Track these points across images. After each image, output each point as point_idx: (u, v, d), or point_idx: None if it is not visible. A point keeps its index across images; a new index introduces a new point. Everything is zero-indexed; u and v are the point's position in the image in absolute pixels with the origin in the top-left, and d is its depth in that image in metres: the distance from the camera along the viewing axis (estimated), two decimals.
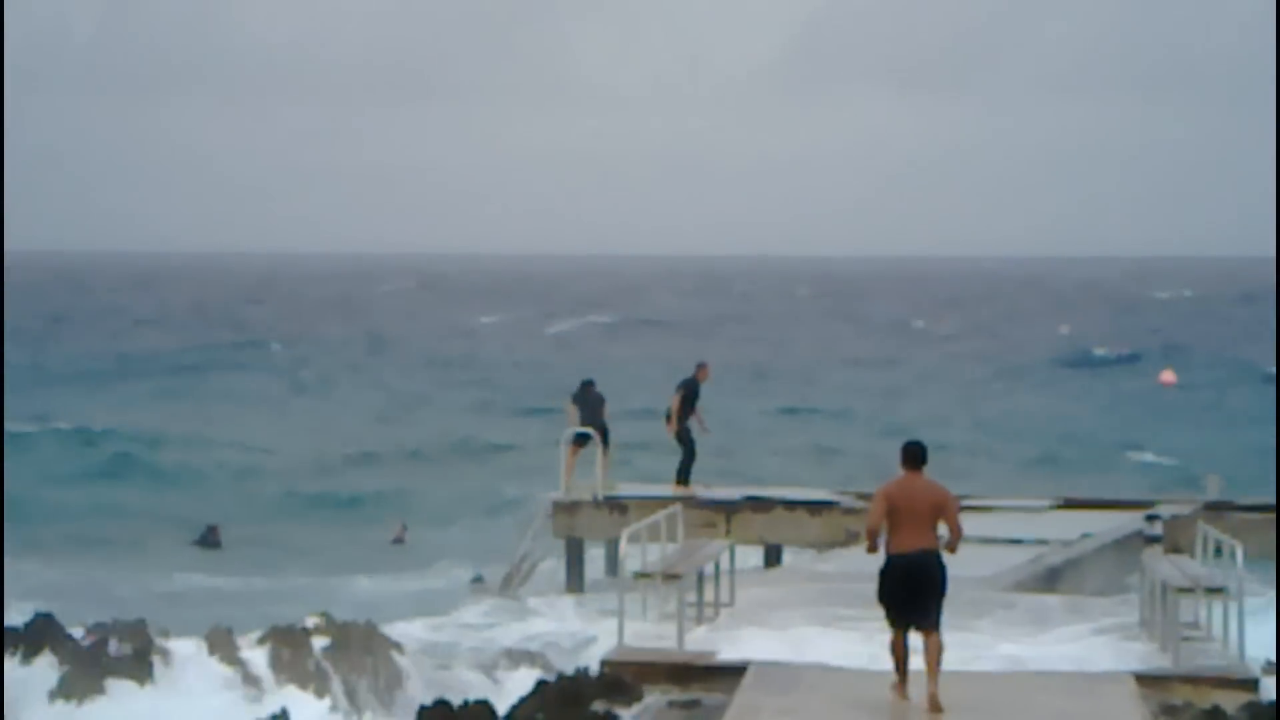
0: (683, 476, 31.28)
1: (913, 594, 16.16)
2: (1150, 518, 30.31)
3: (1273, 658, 20.38)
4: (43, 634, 18.65)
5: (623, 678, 18.03)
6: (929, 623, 16.19)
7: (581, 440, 30.97)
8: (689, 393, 31.26)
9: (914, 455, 16.24)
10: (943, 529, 16.32)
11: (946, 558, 16.31)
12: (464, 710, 17.27)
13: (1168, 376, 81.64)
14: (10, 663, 18.13)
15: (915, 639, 16.38)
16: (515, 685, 18.95)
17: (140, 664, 17.97)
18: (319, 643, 19.58)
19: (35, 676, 18.16)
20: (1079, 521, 29.95)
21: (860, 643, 19.42)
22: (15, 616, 20.27)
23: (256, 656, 19.36)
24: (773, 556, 30.57)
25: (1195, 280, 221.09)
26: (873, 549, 16.31)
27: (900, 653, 16.46)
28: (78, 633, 19.12)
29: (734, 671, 18.20)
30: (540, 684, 18.05)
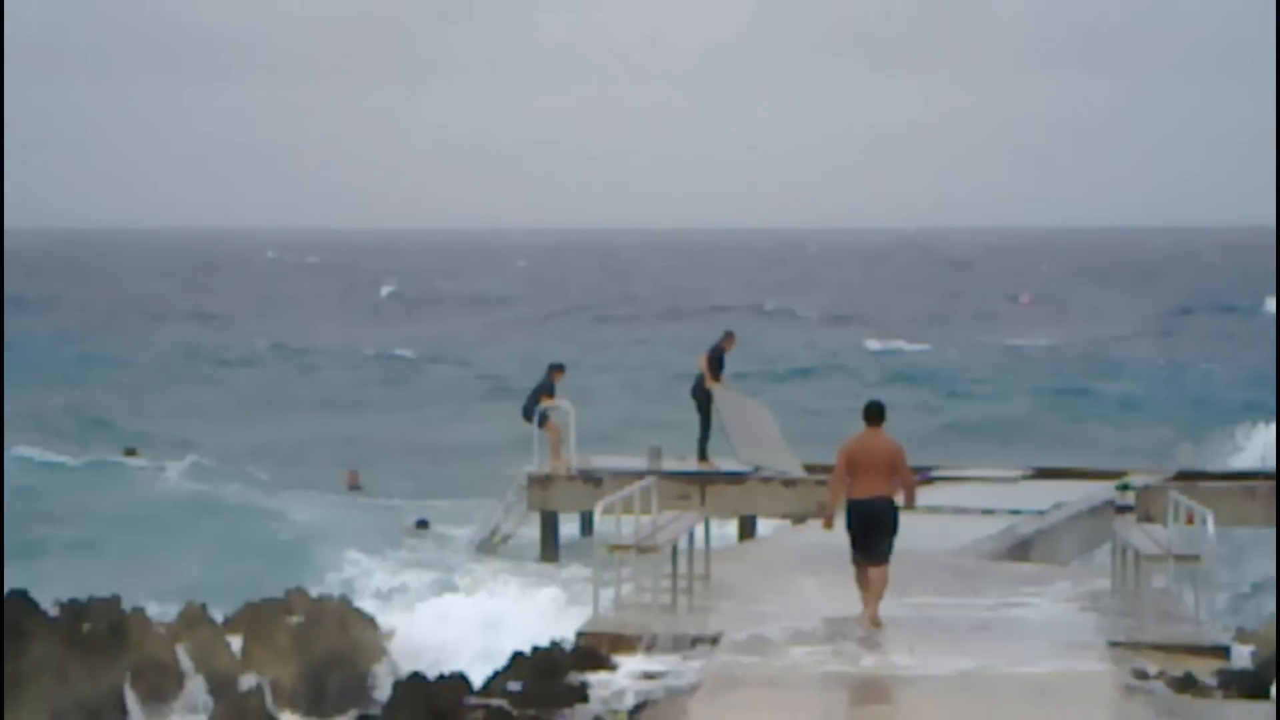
0: (703, 451, 31.40)
1: (867, 533, 18.78)
2: (1122, 487, 30.46)
3: (1244, 624, 20.48)
4: (16, 613, 18.61)
5: (598, 649, 18.09)
6: (878, 557, 18.85)
7: (543, 418, 31.12)
8: (713, 363, 31.35)
9: (873, 413, 18.80)
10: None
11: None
12: (440, 683, 17.30)
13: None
14: None
15: None
16: (490, 657, 18.96)
17: (115, 642, 17.95)
18: (293, 619, 19.58)
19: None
20: (1051, 491, 30.09)
21: (833, 612, 19.50)
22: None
23: (231, 632, 19.37)
24: (747, 528, 30.65)
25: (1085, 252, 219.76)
26: (834, 495, 18.99)
27: (866, 583, 18.96)
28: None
29: (708, 642, 18.27)
30: (516, 656, 18.10)
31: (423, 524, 32.44)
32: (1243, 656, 18.11)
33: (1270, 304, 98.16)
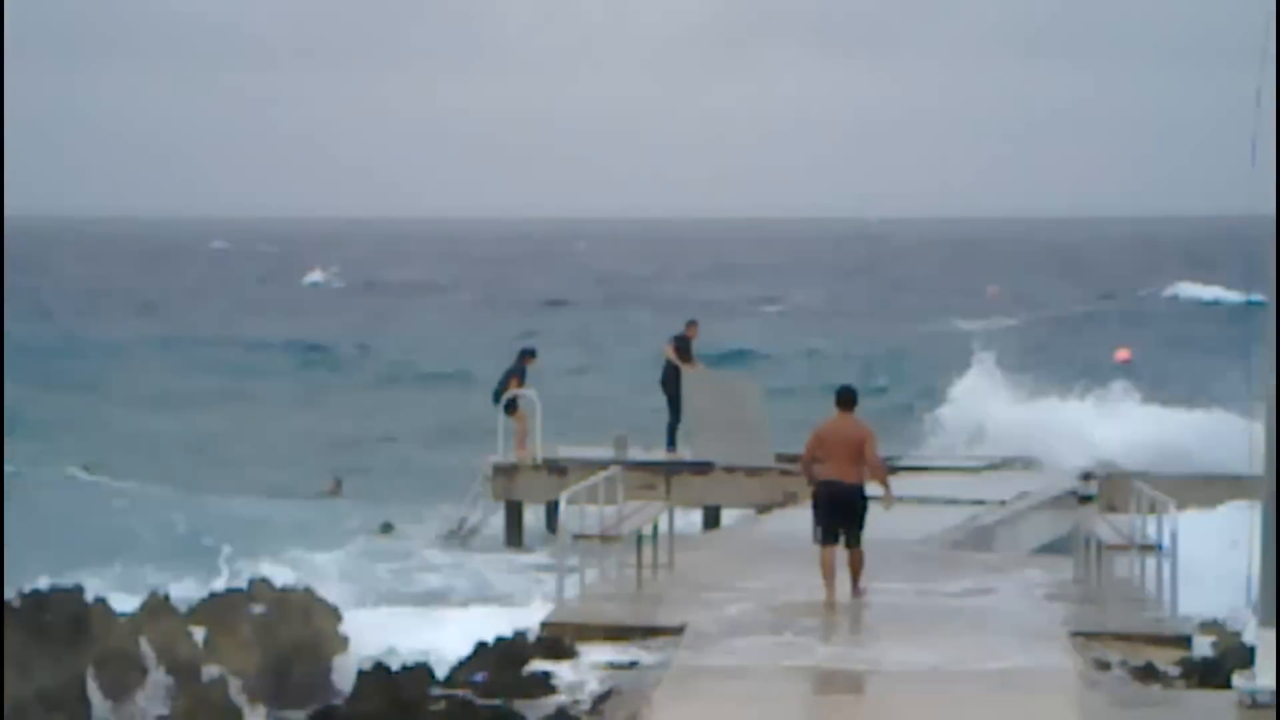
0: (672, 440, 31.45)
1: (834, 515, 19.41)
2: (1085, 476, 30.57)
3: (1207, 616, 20.54)
4: None
5: (561, 639, 18.10)
6: (850, 539, 19.49)
7: (511, 406, 31.15)
8: (680, 351, 31.41)
9: (844, 398, 19.54)
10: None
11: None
12: (403, 674, 17.29)
13: (1123, 354, 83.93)
14: None
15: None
16: (454, 647, 18.94)
17: (77, 633, 17.89)
18: (256, 609, 19.53)
19: None
20: (1015, 481, 30.18)
21: (797, 603, 19.54)
22: None
23: (194, 623, 19.31)
24: (711, 518, 30.67)
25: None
26: (809, 477, 19.56)
27: (828, 565, 19.52)
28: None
29: (672, 632, 18.29)
30: (479, 646, 18.09)
31: (387, 528, 31.93)
32: (1204, 647, 18.19)
33: (1175, 289, 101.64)
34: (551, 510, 30.46)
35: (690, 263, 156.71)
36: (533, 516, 31.45)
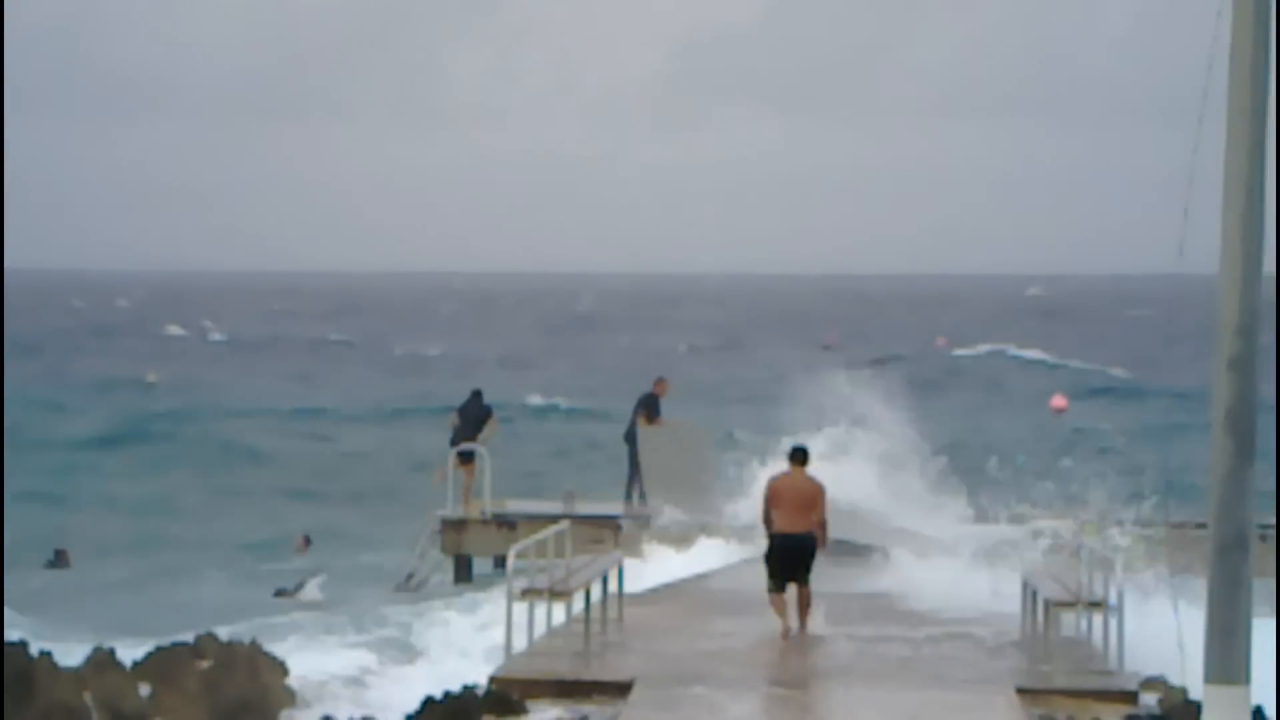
0: (629, 495, 31.49)
1: (788, 564, 20.49)
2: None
3: (1155, 673, 20.61)
4: None
5: (510, 694, 18.05)
6: (801, 581, 20.58)
7: (467, 457, 31.02)
8: (649, 409, 31.49)
9: (797, 455, 20.71)
10: None
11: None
12: None
13: (1058, 402, 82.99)
14: None
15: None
16: (401, 702, 18.88)
17: (22, 688, 17.75)
18: (203, 664, 19.42)
19: None
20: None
21: (746, 655, 19.55)
22: None
23: (140, 678, 19.19)
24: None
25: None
26: (767, 528, 20.50)
27: (780, 606, 20.67)
28: None
29: (621, 687, 18.26)
30: (427, 701, 18.03)
31: (281, 593, 30.69)
32: (1150, 703, 18.25)
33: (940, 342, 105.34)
34: (501, 565, 30.40)
35: (622, 314, 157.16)
36: (481, 570, 31.38)
